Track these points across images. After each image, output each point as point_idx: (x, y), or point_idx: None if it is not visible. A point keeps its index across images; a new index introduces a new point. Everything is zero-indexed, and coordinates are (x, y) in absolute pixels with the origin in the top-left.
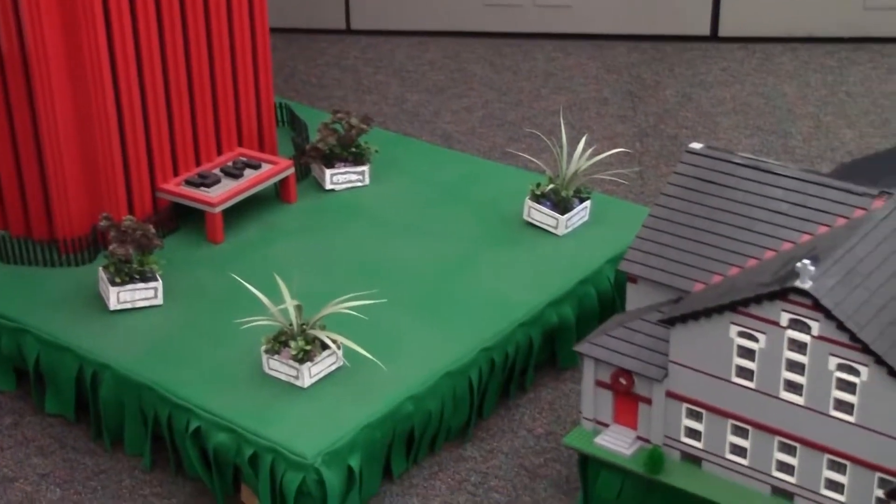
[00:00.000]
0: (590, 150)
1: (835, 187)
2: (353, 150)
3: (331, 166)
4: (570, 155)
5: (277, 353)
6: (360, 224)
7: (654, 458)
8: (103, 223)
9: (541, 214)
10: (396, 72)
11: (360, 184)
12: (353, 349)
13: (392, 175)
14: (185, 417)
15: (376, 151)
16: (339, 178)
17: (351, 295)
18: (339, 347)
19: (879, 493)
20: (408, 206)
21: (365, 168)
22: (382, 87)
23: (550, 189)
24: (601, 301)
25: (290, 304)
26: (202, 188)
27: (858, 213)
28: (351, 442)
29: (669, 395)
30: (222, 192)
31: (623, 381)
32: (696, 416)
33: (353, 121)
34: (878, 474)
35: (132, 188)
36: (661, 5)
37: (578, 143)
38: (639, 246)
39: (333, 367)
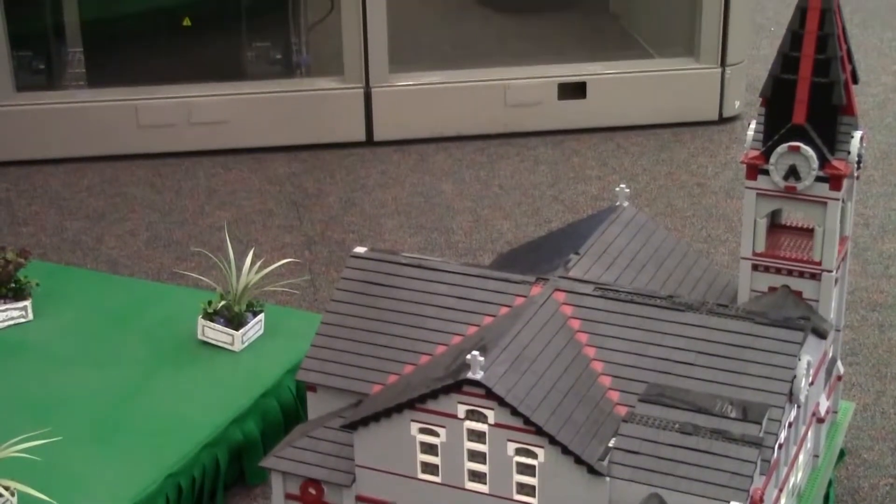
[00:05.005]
0: (259, 263)
1: (495, 278)
2: (13, 286)
3: None
4: (239, 269)
5: None
6: (26, 362)
7: None
8: None
9: (215, 332)
10: (53, 201)
11: (22, 320)
12: (29, 493)
13: (57, 307)
14: None
15: (37, 285)
16: None
17: (21, 437)
18: (13, 494)
19: None
20: (76, 337)
21: (27, 303)
22: (39, 217)
23: (223, 306)
24: (285, 413)
25: None
26: None
27: (519, 300)
28: None
29: (360, 499)
30: None
31: (312, 490)
32: None
33: (10, 255)
34: None
35: None
36: (317, 116)
37: (246, 256)
38: (314, 354)
39: None
